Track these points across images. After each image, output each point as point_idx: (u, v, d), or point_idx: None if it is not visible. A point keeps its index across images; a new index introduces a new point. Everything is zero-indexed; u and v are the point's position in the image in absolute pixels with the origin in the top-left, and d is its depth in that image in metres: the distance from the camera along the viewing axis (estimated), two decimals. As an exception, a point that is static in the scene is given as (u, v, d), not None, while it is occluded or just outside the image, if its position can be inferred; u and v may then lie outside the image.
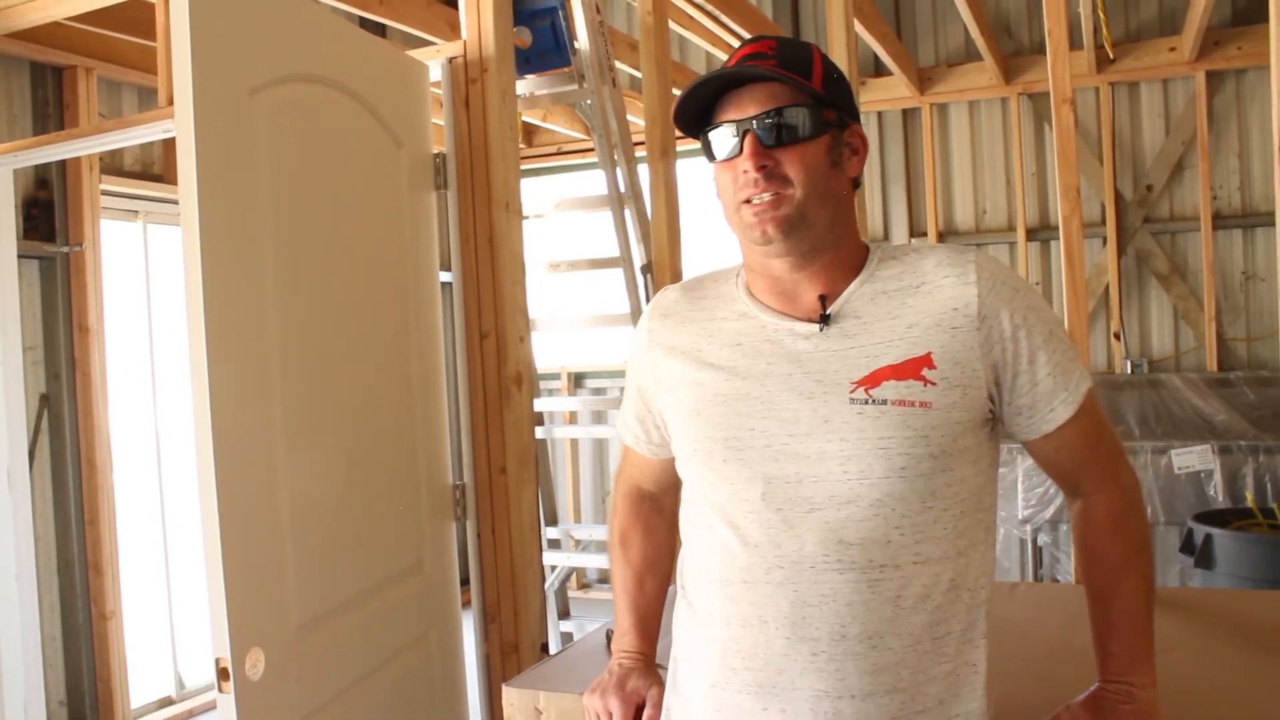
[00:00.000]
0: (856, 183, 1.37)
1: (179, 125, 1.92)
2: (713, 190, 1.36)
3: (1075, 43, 5.21)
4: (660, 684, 1.52)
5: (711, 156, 1.34)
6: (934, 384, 1.25)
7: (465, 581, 2.84)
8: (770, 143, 1.27)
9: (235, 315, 2.03)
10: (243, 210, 2.06)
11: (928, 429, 1.24)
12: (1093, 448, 1.36)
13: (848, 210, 1.35)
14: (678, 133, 1.47)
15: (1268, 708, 1.54)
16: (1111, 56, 5.29)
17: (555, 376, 6.63)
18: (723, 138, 1.31)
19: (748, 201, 1.28)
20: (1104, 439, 1.38)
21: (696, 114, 1.34)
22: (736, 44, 4.56)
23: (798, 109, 1.27)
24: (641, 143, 3.17)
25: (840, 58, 3.75)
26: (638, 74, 4.54)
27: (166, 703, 4.80)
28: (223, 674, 1.88)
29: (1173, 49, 5.29)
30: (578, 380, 6.71)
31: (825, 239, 1.31)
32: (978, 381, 1.27)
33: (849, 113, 1.34)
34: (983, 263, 1.30)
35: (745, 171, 1.28)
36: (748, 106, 1.29)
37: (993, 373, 1.28)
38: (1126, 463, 1.41)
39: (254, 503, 2.04)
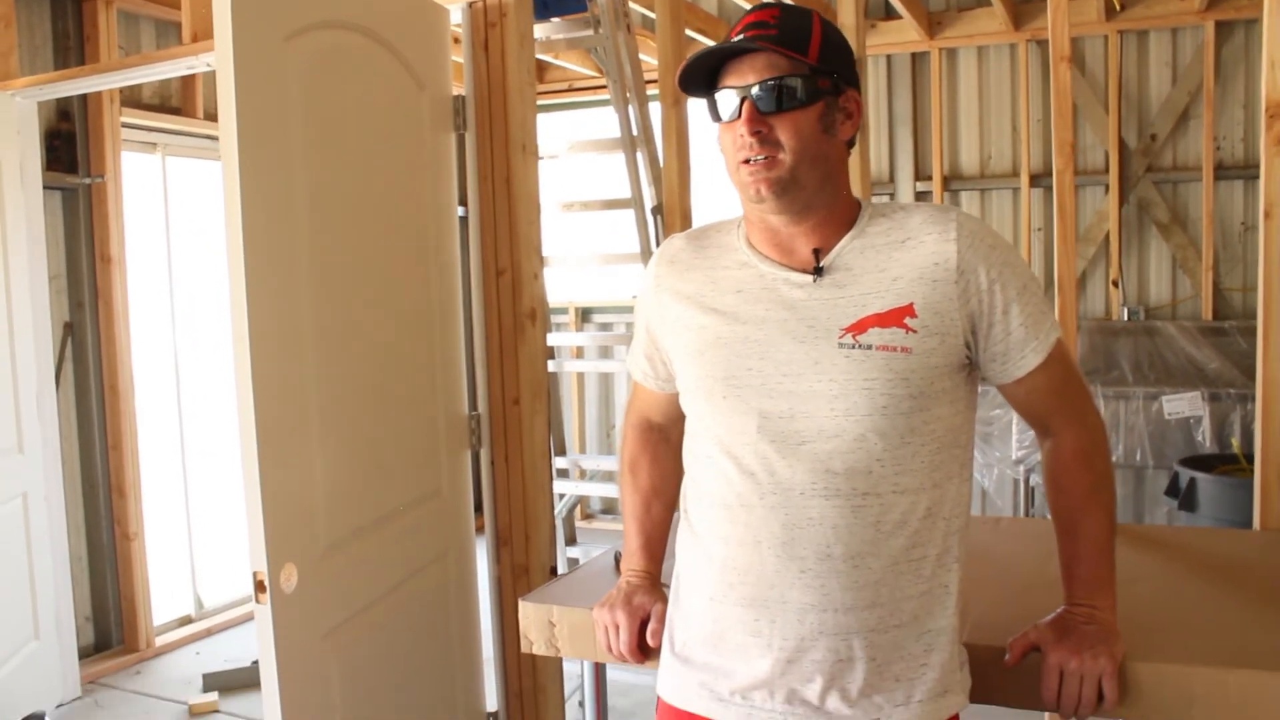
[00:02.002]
0: (850, 144, 1.48)
1: (220, 72, 2.02)
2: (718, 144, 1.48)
3: (1086, -10, 5.24)
4: (664, 600, 1.66)
5: (716, 117, 1.45)
6: (915, 331, 1.37)
7: (478, 508, 2.99)
8: (766, 109, 1.38)
9: (270, 252, 2.14)
10: (277, 152, 2.17)
11: (908, 372, 1.36)
12: (1060, 392, 1.49)
13: (840, 171, 1.46)
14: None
15: (1220, 632, 1.66)
16: (1118, 8, 5.31)
17: (563, 311, 6.73)
18: (725, 101, 1.42)
19: (745, 162, 1.40)
20: (1071, 384, 1.50)
21: (703, 77, 1.45)
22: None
23: (792, 79, 1.38)
24: (653, 81, 3.24)
25: (849, 2, 3.82)
26: (650, 14, 4.59)
27: (186, 621, 4.98)
28: (259, 587, 2.02)
29: (1183, -2, 5.31)
30: (585, 315, 6.82)
31: (817, 198, 1.42)
32: (955, 330, 1.39)
33: (845, 79, 1.44)
34: (963, 221, 1.41)
35: (742, 135, 1.39)
36: (747, 74, 1.39)
37: (969, 322, 1.40)
38: (1093, 406, 1.53)
39: (288, 430, 2.17)
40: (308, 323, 2.25)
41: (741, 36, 1.40)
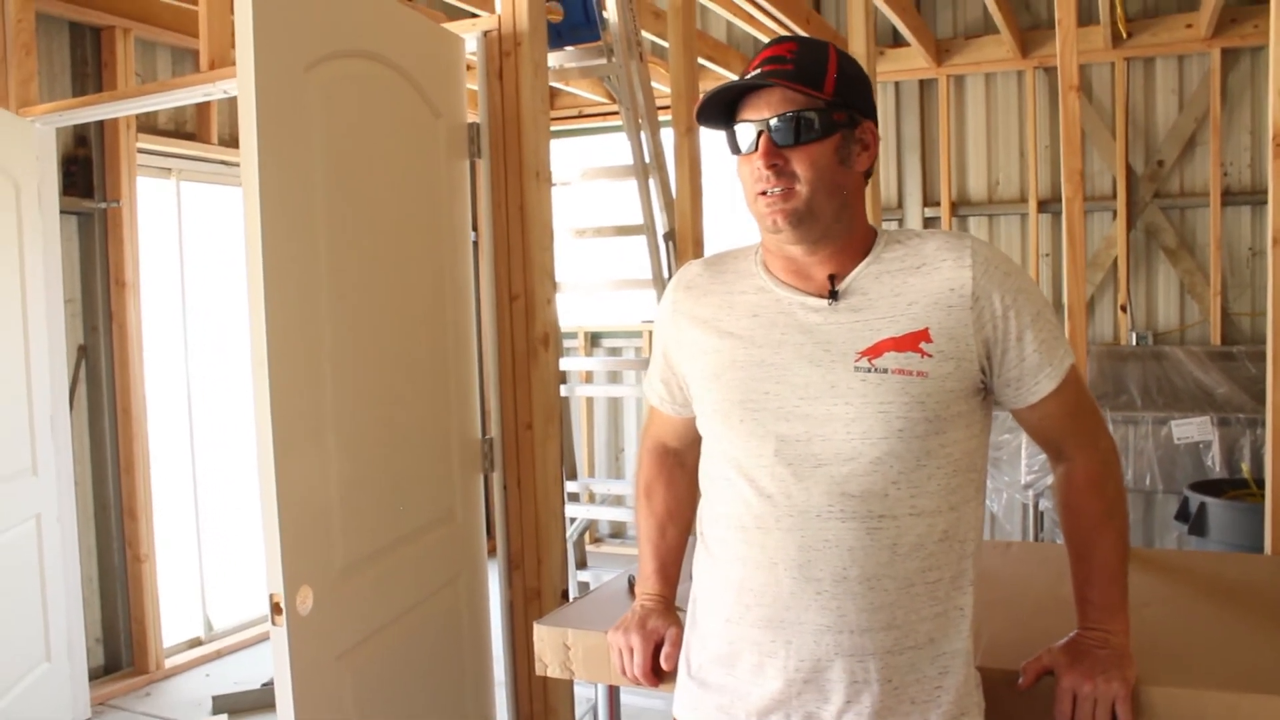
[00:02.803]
0: (867, 174, 1.50)
1: (241, 101, 2.05)
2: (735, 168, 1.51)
3: (1092, 18, 5.28)
4: (678, 624, 1.68)
5: (735, 149, 1.48)
6: (930, 356, 1.39)
7: (489, 531, 3.00)
8: (782, 142, 1.41)
9: (289, 276, 2.16)
10: (297, 179, 2.20)
11: (924, 395, 1.38)
12: (1074, 417, 1.50)
13: (856, 201, 1.48)
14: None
15: (1232, 657, 1.67)
16: (1125, 35, 5.35)
17: (573, 336, 6.76)
18: (743, 134, 1.45)
19: (763, 194, 1.43)
20: (1084, 409, 1.52)
21: (722, 109, 1.48)
22: (756, 14, 4.65)
23: (807, 112, 1.41)
24: (665, 107, 3.27)
25: (859, 29, 3.86)
26: (662, 42, 4.64)
27: (195, 643, 4.98)
28: (276, 609, 2.04)
29: (1189, 25, 5.33)
30: (594, 340, 6.85)
31: (833, 228, 1.45)
32: (970, 355, 1.41)
33: (861, 111, 1.47)
34: (978, 248, 1.44)
35: (759, 167, 1.42)
36: (763, 108, 1.42)
37: (984, 347, 1.42)
38: (1105, 431, 1.55)
39: (305, 454, 2.19)
40: (325, 346, 2.28)
41: (759, 71, 1.43)
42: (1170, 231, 5.57)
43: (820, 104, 1.41)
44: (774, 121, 1.41)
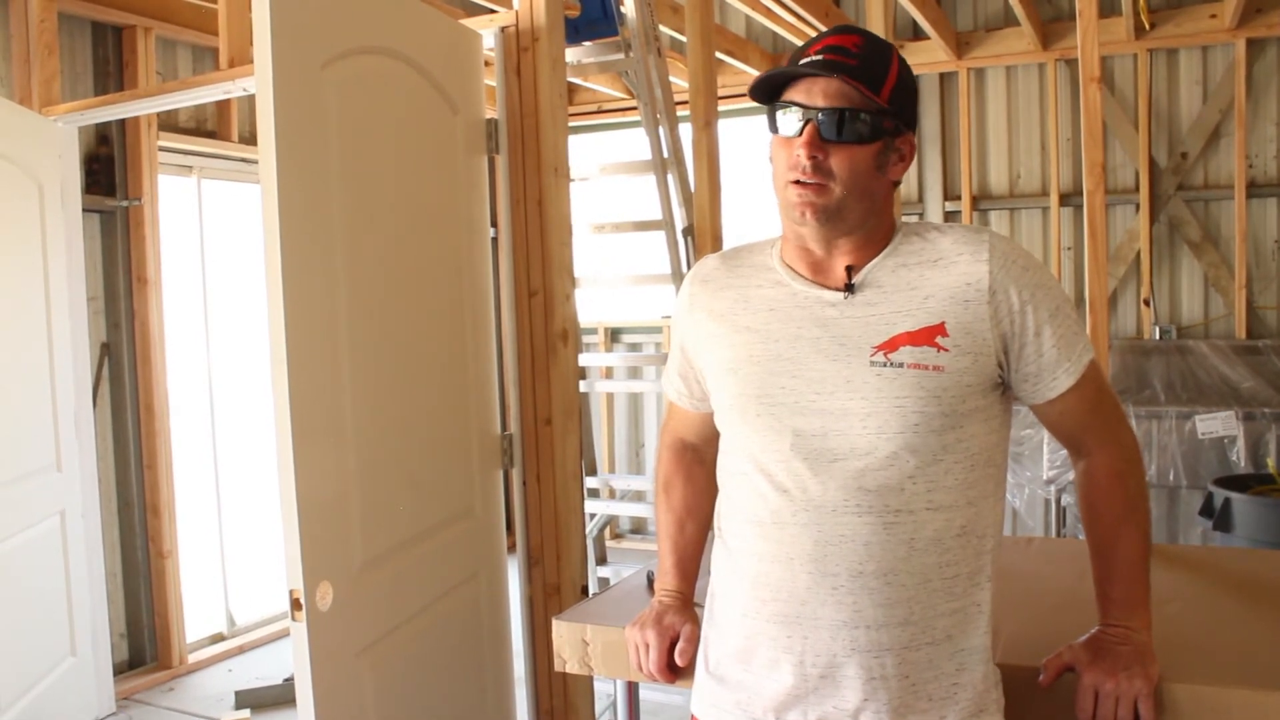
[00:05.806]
0: (897, 183, 1.48)
1: (259, 99, 2.06)
2: (760, 154, 1.50)
3: (1115, 8, 5.23)
4: (694, 621, 1.67)
5: (774, 128, 1.45)
6: (947, 350, 1.38)
7: (509, 527, 3.00)
8: (827, 136, 1.38)
9: (307, 272, 2.17)
10: (315, 176, 2.21)
11: (940, 390, 1.37)
12: (1094, 412, 1.49)
13: (884, 205, 1.47)
14: (719, 103, 1.58)
15: (1257, 654, 1.65)
16: (1147, 27, 5.30)
17: (592, 331, 6.76)
18: (789, 116, 1.42)
19: (796, 182, 1.40)
20: (1104, 404, 1.50)
21: (768, 85, 1.45)
22: (775, 7, 4.64)
23: (861, 113, 1.38)
24: (684, 102, 3.26)
25: (878, 22, 3.84)
26: (679, 36, 4.63)
27: (218, 638, 5.01)
28: (296, 605, 2.05)
29: (1213, 16, 5.27)
30: (614, 335, 6.84)
31: (858, 228, 1.44)
32: (988, 350, 1.39)
33: (906, 121, 1.45)
34: (995, 243, 1.42)
35: (798, 155, 1.39)
36: (817, 96, 1.39)
37: (1002, 342, 1.41)
38: (1126, 426, 1.53)
39: (325, 450, 2.20)
40: (343, 342, 2.28)
41: (820, 58, 1.39)
42: (1194, 224, 5.51)
43: (874, 107, 1.39)
44: (825, 113, 1.38)
